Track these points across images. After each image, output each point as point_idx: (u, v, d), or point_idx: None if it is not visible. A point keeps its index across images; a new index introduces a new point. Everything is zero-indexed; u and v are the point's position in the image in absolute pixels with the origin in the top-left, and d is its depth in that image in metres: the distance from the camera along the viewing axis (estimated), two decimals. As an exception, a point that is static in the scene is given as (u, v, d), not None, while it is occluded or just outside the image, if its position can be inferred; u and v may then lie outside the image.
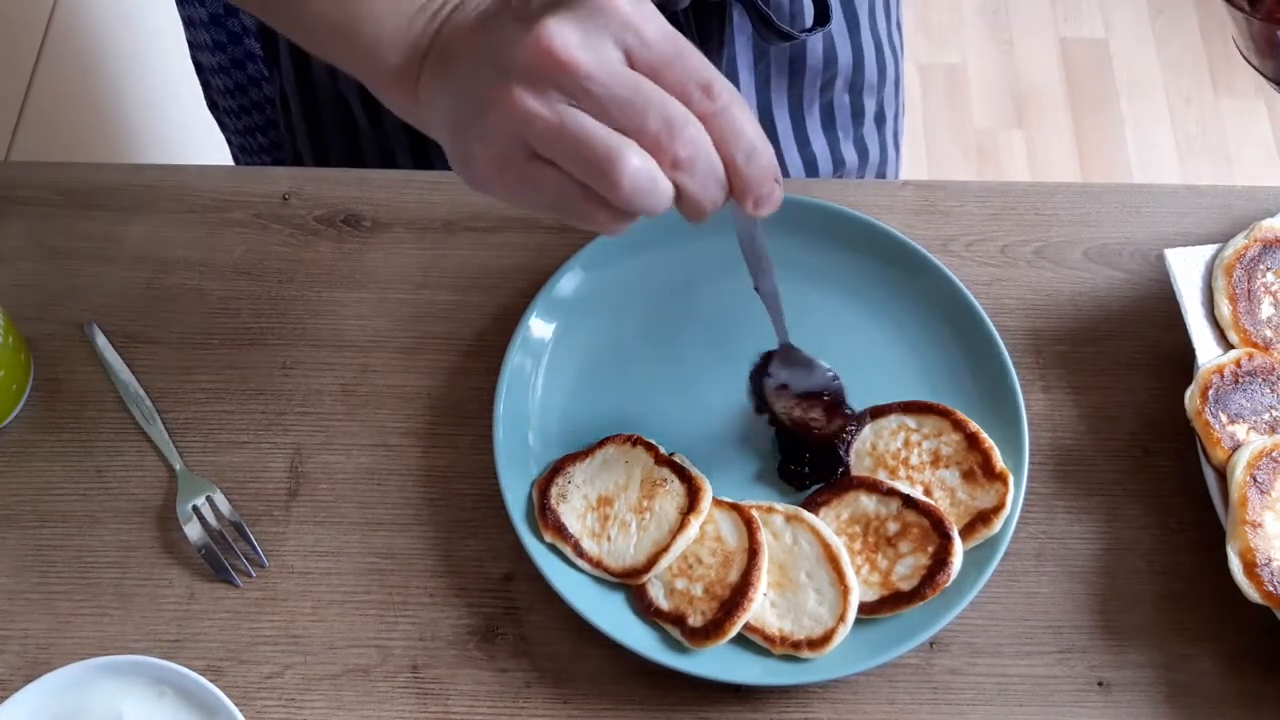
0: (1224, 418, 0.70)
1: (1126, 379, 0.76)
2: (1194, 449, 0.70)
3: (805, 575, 0.68)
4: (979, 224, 0.81)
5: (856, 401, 0.72)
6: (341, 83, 0.90)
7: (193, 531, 0.71)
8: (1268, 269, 0.75)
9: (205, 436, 0.74)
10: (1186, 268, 0.75)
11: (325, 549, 0.71)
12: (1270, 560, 0.66)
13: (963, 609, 0.67)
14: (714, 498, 0.70)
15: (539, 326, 0.75)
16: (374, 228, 0.81)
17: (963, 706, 0.67)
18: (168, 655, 0.68)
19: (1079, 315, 0.78)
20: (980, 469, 0.70)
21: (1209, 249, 0.76)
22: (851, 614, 0.66)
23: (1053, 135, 2.19)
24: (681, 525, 0.68)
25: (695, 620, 0.66)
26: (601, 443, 0.72)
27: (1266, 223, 0.76)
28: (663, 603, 0.67)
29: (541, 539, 0.69)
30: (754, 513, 0.69)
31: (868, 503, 0.70)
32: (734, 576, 0.67)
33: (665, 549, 0.68)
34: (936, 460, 0.71)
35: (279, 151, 1.01)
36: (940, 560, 0.67)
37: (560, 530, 0.69)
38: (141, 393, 0.75)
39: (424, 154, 0.91)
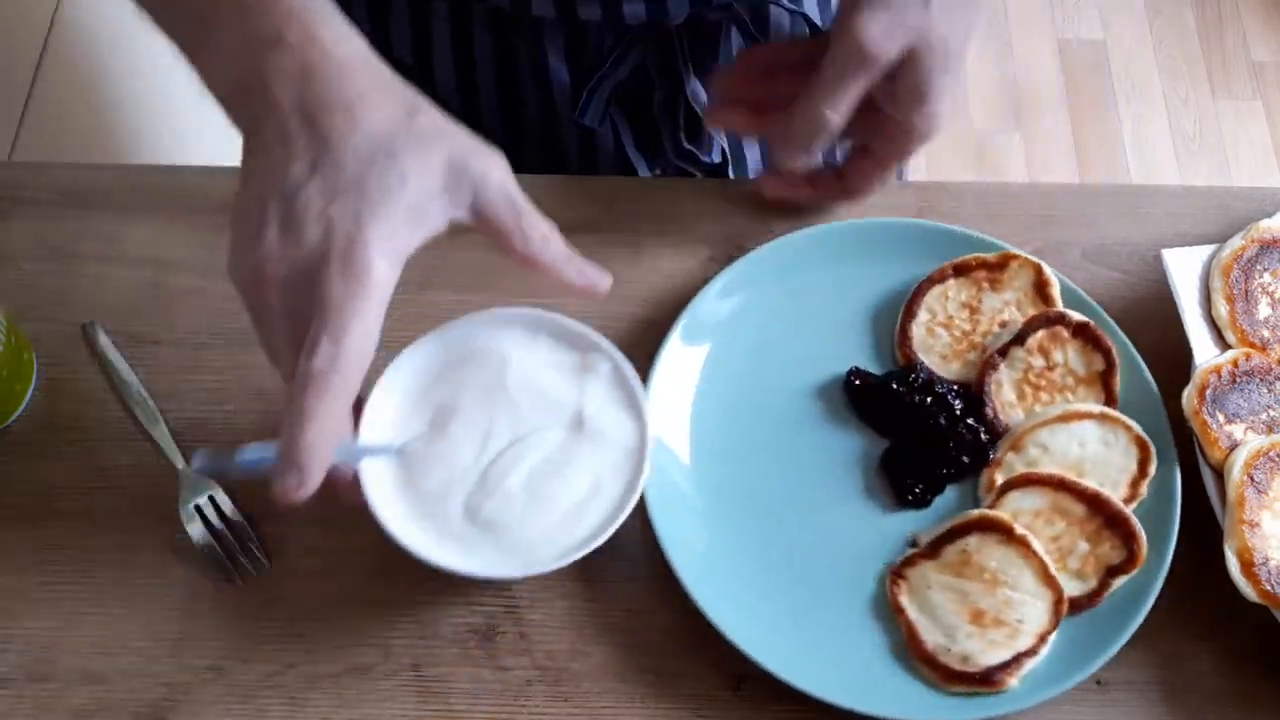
0: (1221, 417, 0.70)
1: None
2: (1192, 448, 0.71)
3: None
4: (977, 225, 0.81)
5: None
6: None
7: (195, 531, 0.71)
8: (1265, 269, 0.75)
9: (208, 436, 0.74)
10: (1184, 268, 0.75)
11: (327, 548, 0.71)
12: (1267, 559, 0.66)
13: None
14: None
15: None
16: (375, 228, 0.81)
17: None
18: (171, 654, 0.68)
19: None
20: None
21: (1206, 249, 0.76)
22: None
23: (1051, 136, 2.20)
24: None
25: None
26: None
27: (1264, 223, 0.77)
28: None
29: None
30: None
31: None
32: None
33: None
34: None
35: None
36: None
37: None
38: (144, 393, 0.75)
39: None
